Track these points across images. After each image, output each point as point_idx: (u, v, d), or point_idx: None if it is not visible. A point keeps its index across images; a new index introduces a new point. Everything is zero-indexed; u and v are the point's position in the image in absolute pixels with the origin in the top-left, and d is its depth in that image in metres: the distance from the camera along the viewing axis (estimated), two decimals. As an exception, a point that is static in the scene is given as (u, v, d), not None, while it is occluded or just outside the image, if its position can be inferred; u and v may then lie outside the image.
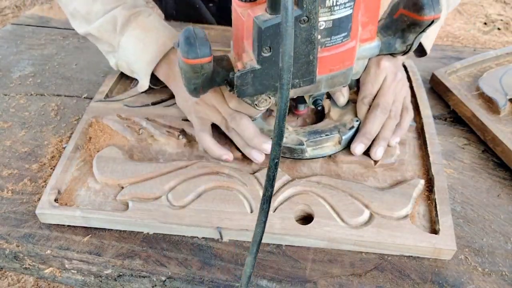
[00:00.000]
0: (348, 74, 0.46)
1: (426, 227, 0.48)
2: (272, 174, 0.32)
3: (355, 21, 0.42)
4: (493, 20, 1.48)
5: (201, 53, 0.39)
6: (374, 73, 0.54)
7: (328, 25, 0.40)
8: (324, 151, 0.54)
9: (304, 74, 0.42)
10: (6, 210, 0.52)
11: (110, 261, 0.47)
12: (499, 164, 0.57)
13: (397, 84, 0.56)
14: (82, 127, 0.60)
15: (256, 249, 0.35)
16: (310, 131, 0.54)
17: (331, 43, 0.42)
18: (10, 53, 0.84)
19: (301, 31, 0.38)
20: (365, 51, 0.48)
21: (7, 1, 2.06)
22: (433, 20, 0.45)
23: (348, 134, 0.53)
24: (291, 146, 0.53)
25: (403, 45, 0.48)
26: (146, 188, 0.51)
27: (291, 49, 0.28)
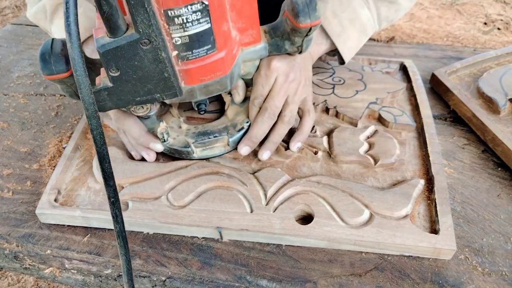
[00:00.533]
0: (224, 82, 0.45)
1: (426, 227, 0.48)
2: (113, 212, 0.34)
3: (219, 34, 0.41)
4: (493, 20, 1.48)
5: (56, 70, 0.40)
6: (265, 74, 0.51)
7: (184, 40, 0.39)
8: (213, 151, 0.54)
9: (164, 89, 0.42)
10: (6, 210, 0.52)
11: (110, 261, 0.47)
12: (499, 164, 0.57)
13: (289, 85, 0.52)
14: (82, 127, 0.60)
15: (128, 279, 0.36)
16: (201, 131, 0.54)
17: (194, 57, 0.41)
18: (10, 53, 0.84)
19: (145, 52, 0.38)
20: (250, 53, 0.48)
21: (7, 1, 2.06)
22: (310, 27, 0.44)
23: (236, 136, 0.53)
24: (178, 148, 0.53)
25: (293, 46, 0.48)
26: (146, 188, 0.51)
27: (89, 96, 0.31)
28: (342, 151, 0.55)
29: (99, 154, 0.32)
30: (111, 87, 0.41)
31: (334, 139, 0.57)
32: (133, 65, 0.39)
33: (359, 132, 0.58)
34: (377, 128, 0.59)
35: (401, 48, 0.87)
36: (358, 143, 0.56)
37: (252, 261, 0.46)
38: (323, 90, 0.66)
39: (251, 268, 0.45)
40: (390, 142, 0.57)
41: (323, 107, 0.64)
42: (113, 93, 0.42)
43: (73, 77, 0.40)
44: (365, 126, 0.60)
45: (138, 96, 0.42)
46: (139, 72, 0.40)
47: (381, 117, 0.61)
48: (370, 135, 0.59)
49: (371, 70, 0.71)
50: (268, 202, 0.49)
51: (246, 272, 0.45)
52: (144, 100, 0.43)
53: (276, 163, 0.55)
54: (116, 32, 0.36)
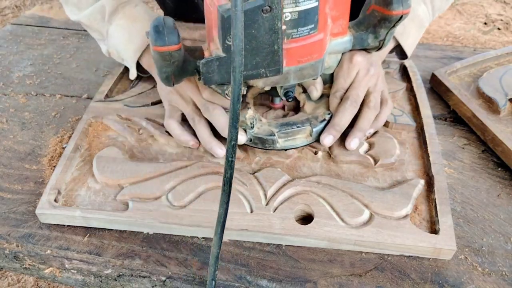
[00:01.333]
0: (317, 66, 0.46)
1: (426, 227, 0.48)
2: (230, 156, 0.34)
3: (322, 14, 0.42)
4: (493, 20, 1.48)
5: (169, 41, 0.40)
6: (347, 68, 0.54)
7: (293, 16, 0.40)
8: (295, 142, 0.54)
9: (270, 64, 0.43)
10: (6, 210, 0.52)
11: (110, 261, 0.47)
12: (499, 164, 0.57)
13: (370, 78, 0.55)
14: (82, 127, 0.60)
15: (220, 230, 0.37)
16: (283, 123, 0.54)
17: (298, 35, 0.42)
18: (10, 53, 0.84)
19: (264, 20, 0.39)
20: (337, 45, 0.49)
21: (7, 1, 2.06)
22: (401, 15, 0.46)
23: (319, 126, 0.53)
24: (262, 137, 0.53)
25: (376, 40, 0.50)
26: (146, 188, 0.51)
27: (241, 32, 0.30)
28: (342, 151, 0.55)
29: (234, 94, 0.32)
30: (223, 57, 0.42)
31: (334, 139, 0.57)
32: (250, 34, 0.40)
33: (359, 132, 0.58)
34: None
35: (401, 48, 0.87)
36: (358, 143, 0.56)
37: (252, 261, 0.46)
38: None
39: (251, 268, 0.45)
40: (390, 142, 0.57)
41: (323, 107, 0.64)
42: (223, 64, 0.43)
43: (180, 51, 0.42)
44: (365, 126, 0.60)
45: (245, 69, 0.43)
46: (253, 42, 0.40)
47: (381, 117, 0.61)
48: (370, 135, 0.59)
49: (371, 70, 0.71)
50: (268, 202, 0.49)
51: (246, 272, 0.45)
52: (249, 75, 0.44)
53: (276, 163, 0.55)
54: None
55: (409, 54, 0.63)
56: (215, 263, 0.39)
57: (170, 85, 0.47)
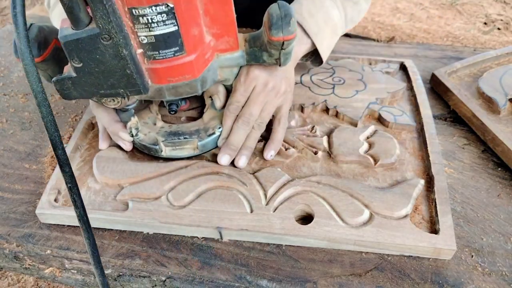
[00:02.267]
0: (194, 85, 0.45)
1: (426, 227, 0.48)
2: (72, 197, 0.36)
3: (188, 37, 0.41)
4: (493, 20, 1.48)
5: None
6: (244, 81, 0.51)
7: (150, 40, 0.40)
8: (182, 152, 0.54)
9: (128, 85, 0.42)
10: (6, 210, 0.52)
11: (110, 261, 0.47)
12: (499, 164, 0.57)
13: (267, 94, 0.52)
14: (82, 127, 0.60)
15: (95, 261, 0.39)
16: (171, 131, 0.54)
17: (161, 57, 0.41)
18: (10, 53, 0.84)
19: (106, 47, 0.38)
20: (227, 60, 0.48)
21: (7, 1, 2.06)
22: (283, 41, 0.44)
23: (205, 140, 0.53)
24: (146, 145, 0.53)
25: (271, 58, 0.48)
26: (146, 188, 0.51)
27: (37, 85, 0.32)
28: (342, 151, 0.55)
29: (52, 141, 0.34)
30: (75, 77, 0.41)
31: (334, 139, 0.57)
32: (94, 58, 0.39)
33: (359, 132, 0.58)
34: (377, 128, 0.59)
35: (401, 48, 0.87)
36: (358, 143, 0.56)
37: (252, 261, 0.46)
38: (323, 90, 0.66)
39: (251, 268, 0.45)
40: (390, 142, 0.57)
41: (323, 107, 0.64)
42: (77, 83, 0.42)
43: (46, 61, 0.42)
44: (365, 126, 0.60)
45: (101, 89, 0.43)
46: (101, 66, 0.40)
47: (381, 117, 0.61)
48: (370, 135, 0.59)
49: (371, 70, 0.71)
50: (268, 202, 0.49)
51: (246, 272, 0.45)
52: (108, 94, 0.43)
53: (276, 163, 0.55)
54: (78, 25, 0.37)
55: (324, 59, 0.61)
56: None
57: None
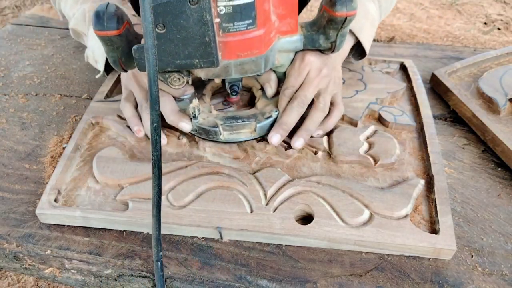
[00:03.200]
0: (259, 62, 0.47)
1: (426, 227, 0.48)
2: (154, 138, 0.35)
3: (261, 11, 0.42)
4: (493, 20, 1.48)
5: (108, 26, 0.42)
6: (298, 67, 0.53)
7: (228, 10, 0.41)
8: (240, 136, 0.54)
9: (203, 55, 0.43)
10: (6, 210, 0.52)
11: (110, 261, 0.46)
12: (499, 164, 0.57)
13: (321, 79, 0.54)
14: (82, 127, 0.60)
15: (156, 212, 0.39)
16: (229, 116, 0.55)
17: (235, 29, 0.43)
18: (10, 53, 0.84)
19: (192, 12, 0.39)
20: (286, 43, 0.50)
21: (7, 1, 2.06)
22: (346, 17, 0.46)
23: (264, 122, 0.54)
24: (206, 127, 0.53)
25: (327, 41, 0.50)
26: (146, 188, 0.51)
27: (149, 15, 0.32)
28: (342, 151, 0.55)
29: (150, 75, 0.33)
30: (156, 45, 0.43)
31: (334, 139, 0.57)
32: (178, 24, 0.40)
33: (359, 132, 0.58)
34: (377, 128, 0.59)
35: (401, 48, 0.87)
36: (358, 143, 0.56)
37: (252, 261, 0.46)
38: (323, 90, 0.66)
39: (251, 268, 0.45)
40: (390, 142, 0.57)
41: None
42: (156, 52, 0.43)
43: (121, 37, 0.43)
44: (365, 126, 0.60)
45: (178, 58, 0.44)
46: (183, 32, 0.41)
47: (381, 117, 0.61)
48: (370, 135, 0.59)
49: (371, 70, 0.71)
50: (268, 202, 0.49)
51: (246, 272, 0.45)
52: (183, 64, 0.44)
53: (276, 163, 0.55)
54: None
55: (367, 51, 0.63)
56: (157, 245, 0.41)
57: (120, 69, 0.48)
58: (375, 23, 0.63)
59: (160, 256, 0.42)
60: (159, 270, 0.42)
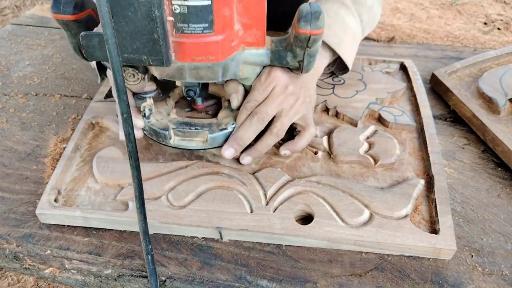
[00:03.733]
0: (215, 69, 0.45)
1: (426, 227, 0.48)
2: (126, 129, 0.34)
3: (219, 16, 0.41)
4: (493, 20, 1.48)
5: (64, 10, 0.42)
6: (264, 81, 0.51)
7: (183, 10, 0.40)
8: (190, 144, 0.53)
9: (152, 52, 0.42)
10: (6, 210, 0.52)
11: (110, 261, 0.46)
12: (499, 164, 0.57)
13: (286, 97, 0.51)
14: (82, 127, 0.60)
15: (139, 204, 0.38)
16: (184, 121, 0.54)
17: (190, 31, 0.42)
18: (10, 53, 0.84)
19: (140, 5, 0.39)
20: (251, 56, 0.48)
21: (7, 1, 2.06)
22: (310, 35, 0.44)
23: (216, 134, 0.52)
24: (156, 129, 0.53)
25: (294, 60, 0.48)
26: (146, 188, 0.51)
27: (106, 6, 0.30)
28: (342, 151, 0.55)
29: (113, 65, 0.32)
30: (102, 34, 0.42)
31: (334, 139, 0.57)
32: (126, 15, 0.40)
33: (359, 132, 0.58)
34: (377, 128, 0.59)
35: (401, 48, 0.87)
36: (358, 143, 0.56)
37: (252, 261, 0.46)
38: (323, 90, 0.66)
39: (251, 268, 0.45)
40: (390, 142, 0.57)
41: (323, 107, 0.64)
42: (103, 42, 0.43)
43: (79, 23, 0.43)
44: (365, 126, 0.60)
45: (126, 52, 0.43)
46: (130, 25, 0.40)
47: (381, 117, 0.61)
48: (370, 135, 0.59)
49: (371, 70, 0.71)
50: (268, 202, 0.49)
51: (246, 272, 0.45)
52: (131, 59, 0.43)
53: (276, 163, 0.55)
54: None
55: (350, 66, 0.60)
56: (145, 238, 0.40)
57: (81, 57, 0.47)
58: (357, 38, 0.61)
59: (150, 249, 0.41)
60: (150, 264, 0.42)
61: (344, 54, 0.58)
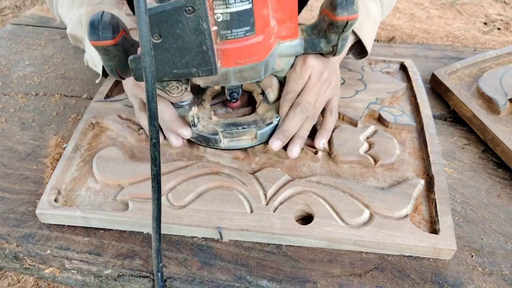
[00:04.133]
0: (259, 69, 0.46)
1: (426, 227, 0.48)
2: (153, 153, 0.35)
3: (259, 17, 0.42)
4: (493, 20, 1.48)
5: (103, 36, 0.42)
6: (299, 71, 0.52)
7: (225, 17, 0.40)
8: (240, 143, 0.54)
9: (201, 64, 0.43)
10: (6, 210, 0.52)
11: (110, 261, 0.46)
12: (499, 164, 0.57)
13: (322, 84, 0.54)
14: (82, 127, 0.60)
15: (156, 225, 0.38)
16: (229, 123, 0.54)
17: (233, 36, 0.42)
18: (10, 53, 0.84)
19: (188, 21, 0.39)
20: (286, 48, 0.49)
21: (7, 1, 2.06)
22: (347, 21, 0.45)
23: (264, 129, 0.53)
24: (205, 135, 0.53)
25: (328, 45, 0.49)
26: (146, 188, 0.51)
27: (147, 33, 0.31)
28: (342, 151, 0.55)
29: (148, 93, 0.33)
30: None
31: (334, 139, 0.57)
32: (174, 33, 0.40)
33: (359, 132, 0.58)
34: (377, 128, 0.59)
35: (401, 48, 0.87)
36: (358, 143, 0.56)
37: (252, 261, 0.46)
38: (323, 90, 0.66)
39: (251, 268, 0.45)
40: (390, 142, 0.57)
41: (323, 107, 0.64)
42: None
43: (118, 46, 0.43)
44: (365, 126, 0.60)
45: (175, 68, 0.43)
46: (179, 41, 0.41)
47: (381, 117, 0.61)
48: (370, 135, 0.59)
49: (371, 70, 0.71)
50: (268, 202, 0.49)
51: (246, 272, 0.45)
52: (181, 73, 0.44)
53: (276, 163, 0.55)
54: None
55: (369, 50, 0.62)
56: (157, 256, 0.41)
57: (118, 78, 0.47)
58: (377, 21, 0.63)
59: (161, 267, 0.42)
60: (159, 281, 0.43)
61: (365, 37, 0.60)
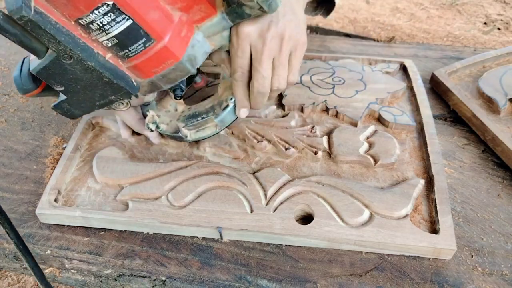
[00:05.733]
0: (182, 67, 0.42)
1: (426, 227, 0.48)
2: None
3: (148, 23, 0.38)
4: (493, 20, 1.48)
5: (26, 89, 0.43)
6: (236, 44, 0.45)
7: (113, 41, 0.39)
8: (205, 132, 0.53)
9: (115, 91, 0.42)
10: (6, 210, 0.52)
11: (110, 261, 0.47)
12: (499, 164, 0.57)
13: (270, 47, 0.44)
14: (82, 127, 0.60)
15: None
16: (189, 114, 0.53)
17: (134, 53, 0.40)
18: (10, 53, 0.84)
19: (72, 65, 0.38)
20: (209, 28, 0.43)
21: (7, 1, 2.05)
22: None
23: (221, 115, 0.51)
24: (170, 134, 0.53)
25: (253, 9, 0.41)
26: (146, 188, 0.51)
27: None
28: (342, 151, 0.55)
29: None
30: (67, 99, 0.43)
31: (334, 139, 0.57)
32: (70, 78, 0.40)
33: (359, 132, 0.58)
34: (377, 128, 0.59)
35: (401, 48, 0.87)
36: (358, 143, 0.56)
37: (252, 261, 0.46)
38: (323, 90, 0.66)
39: (251, 268, 0.45)
40: (390, 142, 0.57)
41: (323, 107, 0.64)
42: (72, 103, 0.44)
43: (46, 91, 0.43)
44: (365, 126, 0.60)
45: (95, 101, 0.44)
46: (80, 83, 0.40)
47: (381, 117, 0.61)
48: (370, 135, 0.59)
49: (371, 70, 0.71)
50: (268, 202, 0.49)
51: (246, 272, 0.45)
52: (104, 103, 0.44)
53: (276, 163, 0.55)
54: (38, 54, 0.38)
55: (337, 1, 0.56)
56: None
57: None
58: None
59: None
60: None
61: None
